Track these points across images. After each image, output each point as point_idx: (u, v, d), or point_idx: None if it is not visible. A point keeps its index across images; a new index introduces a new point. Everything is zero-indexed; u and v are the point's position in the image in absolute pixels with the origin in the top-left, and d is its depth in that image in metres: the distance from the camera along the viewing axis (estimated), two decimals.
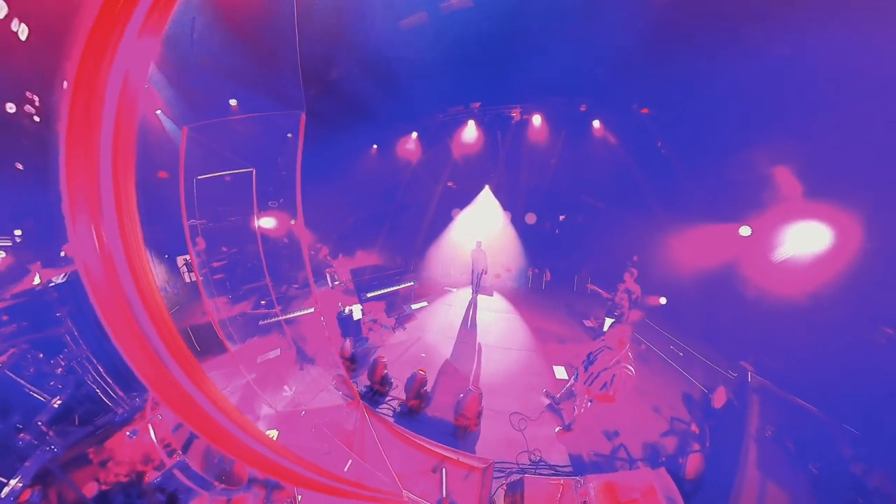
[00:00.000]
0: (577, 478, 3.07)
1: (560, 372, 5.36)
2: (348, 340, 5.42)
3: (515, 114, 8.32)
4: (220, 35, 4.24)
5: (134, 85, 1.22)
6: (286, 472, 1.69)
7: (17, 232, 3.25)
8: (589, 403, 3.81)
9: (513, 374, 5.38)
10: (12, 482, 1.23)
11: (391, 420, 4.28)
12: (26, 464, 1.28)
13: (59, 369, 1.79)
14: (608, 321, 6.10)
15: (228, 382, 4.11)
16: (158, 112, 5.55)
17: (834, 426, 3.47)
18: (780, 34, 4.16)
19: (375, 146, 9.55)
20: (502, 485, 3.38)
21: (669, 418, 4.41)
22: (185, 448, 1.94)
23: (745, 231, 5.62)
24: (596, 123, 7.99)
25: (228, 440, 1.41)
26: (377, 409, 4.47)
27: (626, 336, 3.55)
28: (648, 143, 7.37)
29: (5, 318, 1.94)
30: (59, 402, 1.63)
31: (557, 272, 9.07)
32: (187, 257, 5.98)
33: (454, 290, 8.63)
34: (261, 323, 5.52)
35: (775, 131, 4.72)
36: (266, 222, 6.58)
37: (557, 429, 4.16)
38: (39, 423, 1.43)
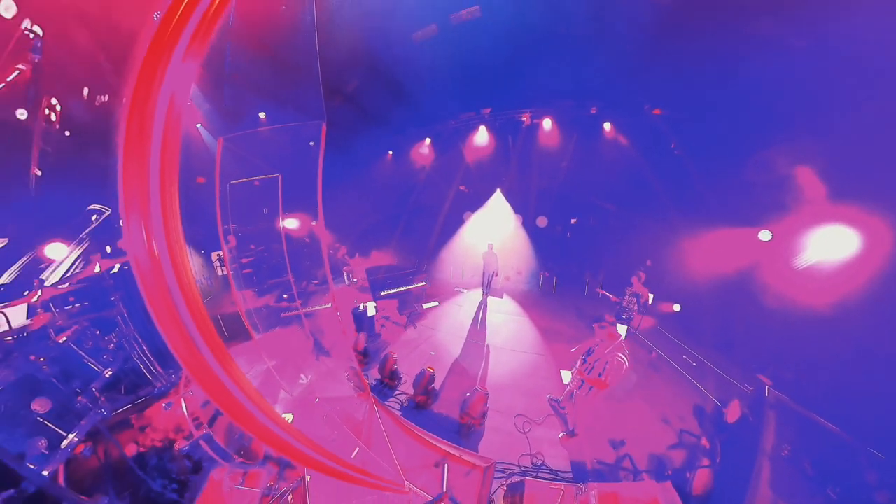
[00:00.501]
0: (579, 485, 3.01)
1: (567, 377, 5.25)
2: (362, 335, 5.63)
3: (526, 118, 8.31)
4: (251, 56, 4.74)
5: (178, 104, 1.42)
6: (298, 453, 1.82)
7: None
8: (589, 390, 3.77)
9: (520, 376, 5.35)
10: (70, 436, 1.45)
11: (398, 413, 4.38)
12: (82, 422, 1.51)
13: (112, 345, 2.07)
14: (621, 328, 5.92)
15: (251, 367, 4.37)
16: (198, 125, 6.14)
17: (857, 449, 3.14)
18: (798, 25, 3.85)
19: (391, 152, 9.83)
20: (503, 485, 3.37)
21: (679, 430, 4.21)
22: (211, 423, 2.14)
23: (764, 235, 5.26)
24: (607, 126, 7.79)
25: (248, 419, 1.56)
26: (386, 402, 4.59)
27: (615, 328, 3.63)
28: (661, 145, 7.06)
29: (72, 299, 2.29)
30: (109, 373, 1.89)
31: (568, 275, 8.89)
32: (220, 253, 6.46)
33: (465, 291, 8.67)
34: (283, 315, 5.83)
35: (796, 128, 4.35)
36: (290, 223, 6.95)
37: (561, 434, 4.10)
38: (94, 389, 1.67)
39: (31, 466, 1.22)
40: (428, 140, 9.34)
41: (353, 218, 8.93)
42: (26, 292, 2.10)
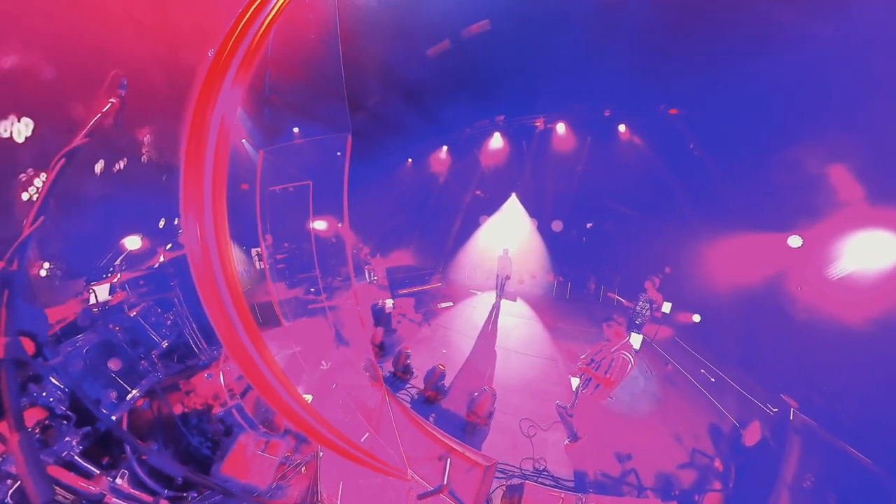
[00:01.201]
0: (580, 495, 2.88)
1: (576, 384, 5.07)
2: (379, 329, 5.83)
3: (539, 123, 8.19)
4: (286, 81, 5.30)
5: (228, 123, 1.65)
6: (314, 431, 1.97)
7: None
8: (595, 388, 3.62)
9: (529, 380, 5.25)
10: (133, 391, 1.75)
11: (408, 405, 4.47)
12: (142, 382, 1.80)
13: (169, 322, 2.42)
14: (636, 337, 5.59)
15: (280, 350, 4.71)
16: (243, 141, 6.88)
17: (891, 485, 2.73)
18: (823, 9, 3.38)
19: (410, 160, 10.15)
20: (502, 486, 3.31)
21: (691, 449, 3.88)
22: (243, 395, 2.38)
23: (794, 241, 4.67)
24: (622, 128, 7.42)
25: (274, 395, 1.73)
26: (397, 394, 4.69)
27: (623, 327, 3.52)
28: (680, 145, 6.54)
29: (142, 282, 2.73)
30: (166, 344, 2.21)
31: (584, 280, 8.59)
32: (259, 249, 7.06)
33: (479, 293, 8.66)
34: (309, 307, 6.22)
35: (828, 122, 3.81)
36: (319, 225, 7.42)
37: (567, 441, 3.97)
38: (153, 356, 1.98)
39: (104, 411, 1.50)
40: (445, 147, 9.56)
41: (375, 221, 9.30)
42: (109, 274, 2.59)
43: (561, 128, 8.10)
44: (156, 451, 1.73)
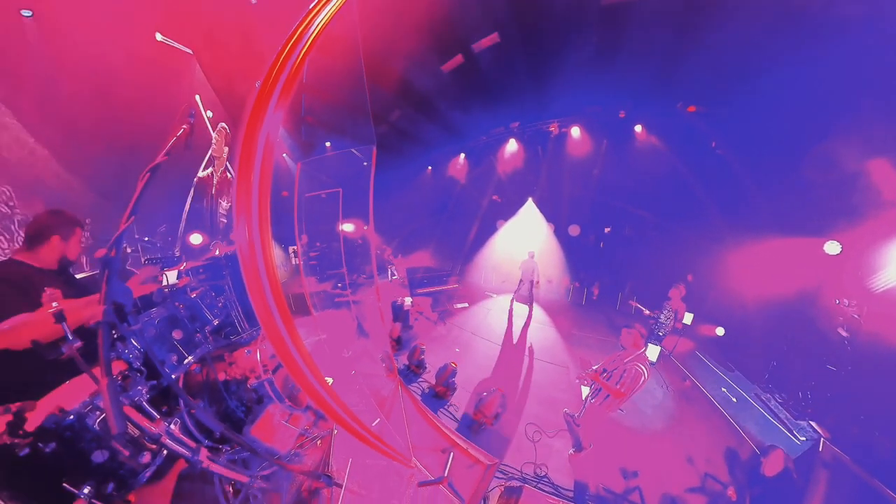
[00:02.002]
0: None
1: (587, 392, 4.85)
2: (397, 325, 6.05)
3: (553, 128, 8.00)
4: (319, 103, 5.85)
5: (271, 140, 1.91)
6: (332, 410, 2.15)
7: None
8: (605, 398, 3.42)
9: (538, 385, 5.12)
10: (189, 358, 2.09)
11: (418, 398, 4.58)
12: (197, 350, 2.15)
13: (220, 304, 2.82)
14: (653, 349, 5.20)
15: (308, 336, 5.08)
16: (284, 155, 7.61)
17: None
18: None
19: (430, 168, 10.44)
20: (501, 485, 3.28)
21: (703, 473, 3.54)
22: (274, 371, 2.65)
23: (831, 248, 4.07)
24: (638, 128, 6.95)
25: (300, 375, 1.93)
26: (409, 386, 4.83)
27: (641, 336, 3.29)
28: (701, 144, 5.90)
29: (201, 270, 3.23)
30: (216, 322, 2.59)
31: (600, 287, 8.15)
32: (295, 247, 7.72)
33: (495, 295, 8.60)
34: (336, 300, 6.64)
35: (867, 113, 3.27)
36: (347, 227, 7.92)
37: (571, 450, 3.82)
38: (206, 330, 2.35)
39: (167, 370, 1.82)
40: (462, 155, 9.70)
41: (398, 224, 9.68)
42: (179, 263, 3.14)
43: (576, 131, 7.86)
44: (202, 407, 2.04)
